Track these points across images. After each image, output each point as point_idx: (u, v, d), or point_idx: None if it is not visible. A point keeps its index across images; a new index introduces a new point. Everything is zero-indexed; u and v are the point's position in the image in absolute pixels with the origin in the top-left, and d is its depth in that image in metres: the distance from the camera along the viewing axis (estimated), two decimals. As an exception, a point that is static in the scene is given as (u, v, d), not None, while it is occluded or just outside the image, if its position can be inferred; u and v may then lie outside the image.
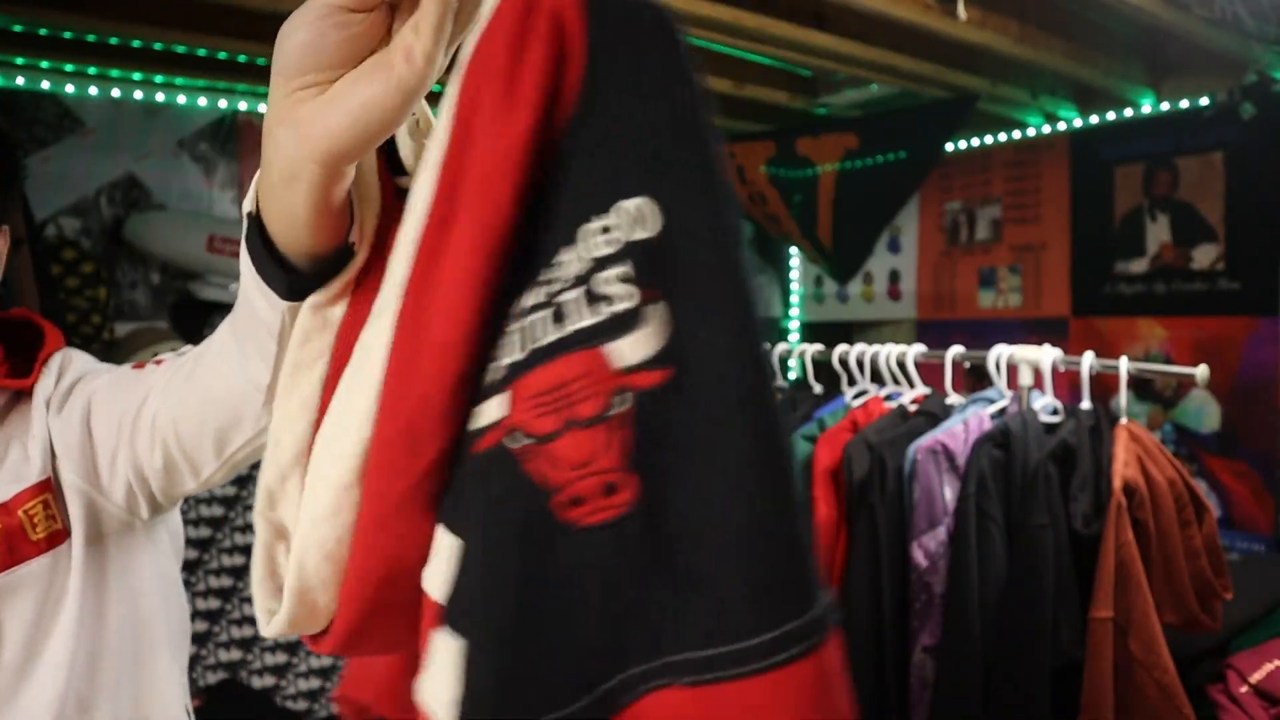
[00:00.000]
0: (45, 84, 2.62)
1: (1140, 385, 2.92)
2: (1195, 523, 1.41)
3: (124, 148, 2.80)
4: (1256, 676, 1.51)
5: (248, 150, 2.99)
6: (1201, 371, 1.43)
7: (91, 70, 2.61)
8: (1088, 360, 1.53)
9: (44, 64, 2.51)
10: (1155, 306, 2.90)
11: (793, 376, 2.44)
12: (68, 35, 2.30)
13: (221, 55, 2.47)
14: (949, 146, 3.28)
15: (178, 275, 2.88)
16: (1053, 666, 1.36)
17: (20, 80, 2.58)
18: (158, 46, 2.36)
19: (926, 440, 1.52)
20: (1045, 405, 1.55)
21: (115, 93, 2.71)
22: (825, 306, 3.87)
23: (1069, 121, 3.05)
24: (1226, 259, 2.74)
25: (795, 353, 2.09)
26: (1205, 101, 2.70)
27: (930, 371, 1.77)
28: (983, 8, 2.21)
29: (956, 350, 1.71)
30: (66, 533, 0.84)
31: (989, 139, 3.27)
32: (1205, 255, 2.79)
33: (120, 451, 0.83)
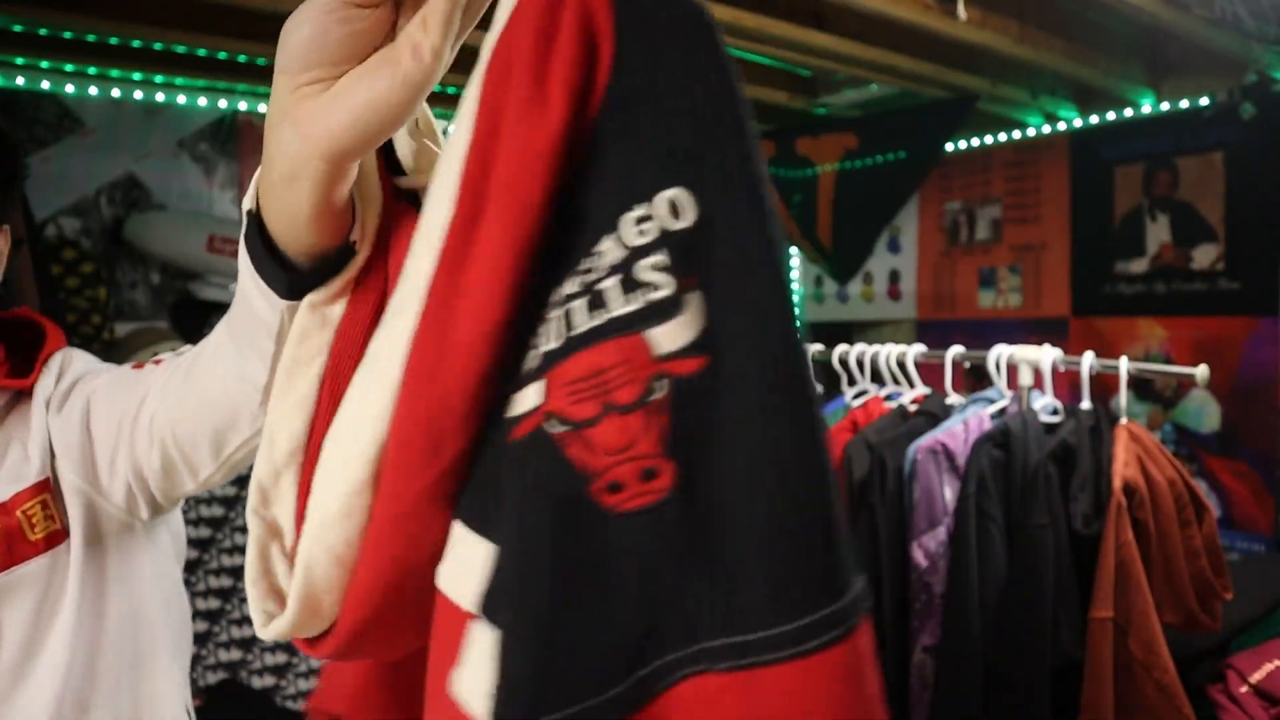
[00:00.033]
0: (45, 84, 2.63)
1: (1140, 385, 2.92)
2: (1195, 523, 1.41)
3: (124, 148, 2.80)
4: (1256, 676, 1.51)
5: (248, 150, 2.99)
6: (1201, 371, 1.43)
7: (91, 70, 2.61)
8: (1088, 360, 1.53)
9: (44, 64, 2.51)
10: (1155, 306, 2.90)
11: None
12: (68, 35, 2.30)
13: (221, 55, 2.47)
14: (949, 146, 3.28)
15: (178, 275, 2.88)
16: (1053, 666, 1.36)
17: (20, 80, 2.58)
18: (158, 46, 2.36)
19: (926, 440, 1.52)
20: (1045, 405, 1.55)
21: (115, 93, 2.71)
22: (825, 306, 3.87)
23: (1069, 121, 3.05)
24: (1226, 259, 2.74)
25: (795, 353, 2.08)
26: (1205, 101, 2.70)
27: (930, 371, 1.77)
28: (983, 8, 2.21)
29: (956, 350, 1.71)
30: (65, 533, 0.84)
31: (989, 139, 3.27)
32: (1205, 255, 2.79)
33: (119, 452, 0.82)
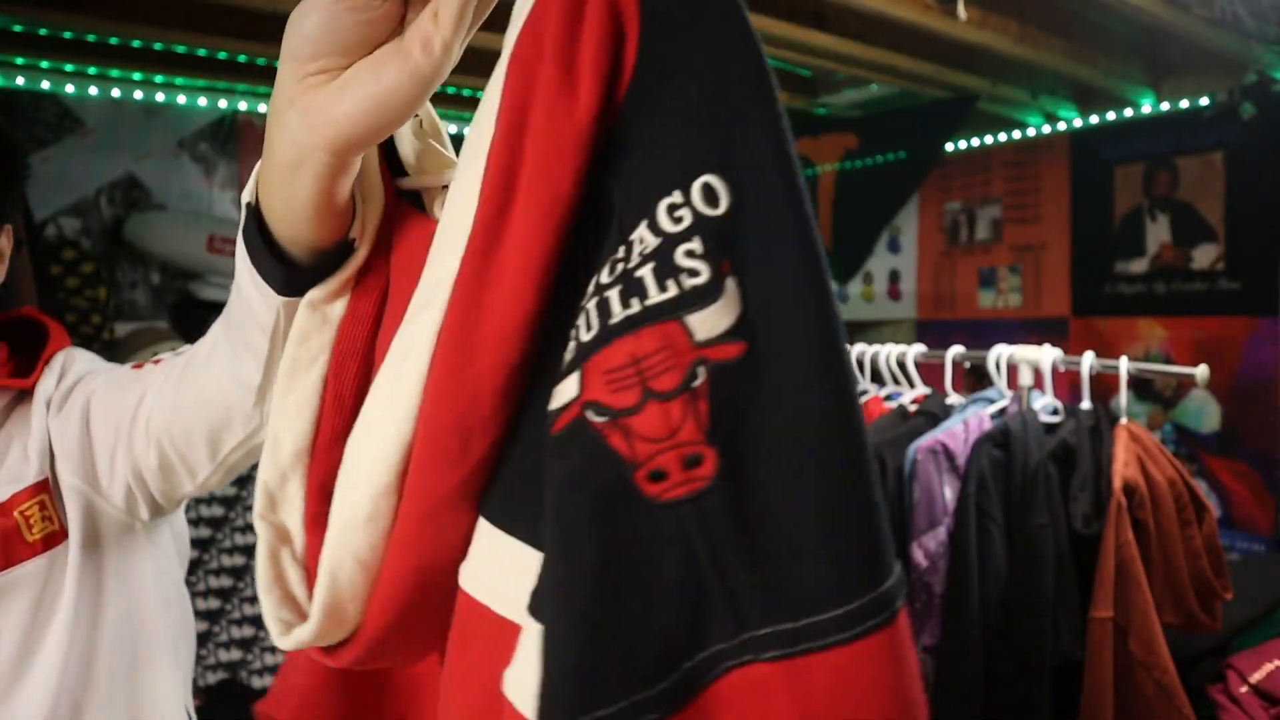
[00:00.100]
0: (45, 84, 2.63)
1: (1140, 385, 2.92)
2: (1195, 523, 1.41)
3: (124, 148, 2.80)
4: (1256, 676, 1.51)
5: (248, 150, 2.99)
6: (1201, 371, 1.43)
7: (91, 70, 2.61)
8: (1088, 360, 1.53)
9: (44, 64, 2.51)
10: (1155, 306, 2.90)
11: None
12: (68, 35, 2.30)
13: (221, 55, 2.47)
14: (949, 146, 3.28)
15: (178, 275, 2.88)
16: (1053, 666, 1.36)
17: (20, 80, 2.58)
18: (158, 46, 2.36)
19: (926, 440, 1.52)
20: (1045, 405, 1.55)
21: (115, 93, 2.71)
22: (825, 306, 3.86)
23: (1069, 121, 3.05)
24: (1226, 259, 2.74)
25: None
26: (1205, 101, 2.70)
27: (930, 371, 1.77)
28: (983, 8, 2.21)
29: (956, 350, 1.71)
30: (64, 534, 0.84)
31: (989, 139, 3.27)
32: (1205, 255, 2.79)
33: (118, 452, 0.82)
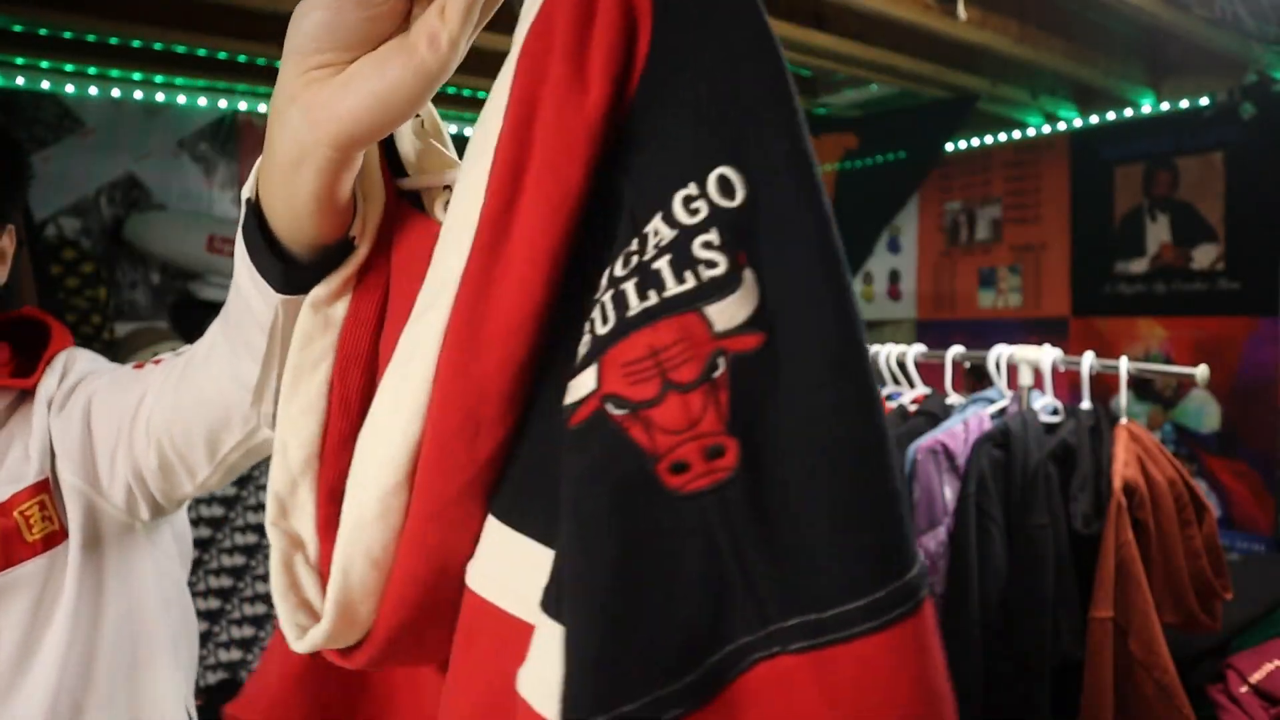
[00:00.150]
0: (45, 84, 2.63)
1: (1140, 385, 2.92)
2: (1195, 523, 1.41)
3: (124, 148, 2.80)
4: (1256, 676, 1.51)
5: (248, 150, 2.99)
6: (1201, 371, 1.43)
7: (91, 70, 2.61)
8: (1088, 360, 1.53)
9: (44, 64, 2.51)
10: (1155, 306, 2.90)
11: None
12: (68, 35, 2.30)
13: (221, 55, 2.47)
14: (949, 146, 3.28)
15: (178, 275, 2.88)
16: (1053, 666, 1.36)
17: (20, 80, 2.58)
18: (158, 46, 2.36)
19: (926, 440, 1.52)
20: (1045, 405, 1.55)
21: (115, 93, 2.71)
22: (825, 306, 3.87)
23: (1069, 121, 3.05)
24: (1226, 259, 2.74)
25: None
26: (1205, 101, 2.70)
27: (930, 371, 1.77)
28: (983, 8, 2.21)
29: (956, 350, 1.71)
30: (64, 534, 0.84)
31: (989, 139, 3.27)
32: (1205, 255, 2.79)
33: (119, 452, 0.82)
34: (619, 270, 0.39)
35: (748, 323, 0.36)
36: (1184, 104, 2.76)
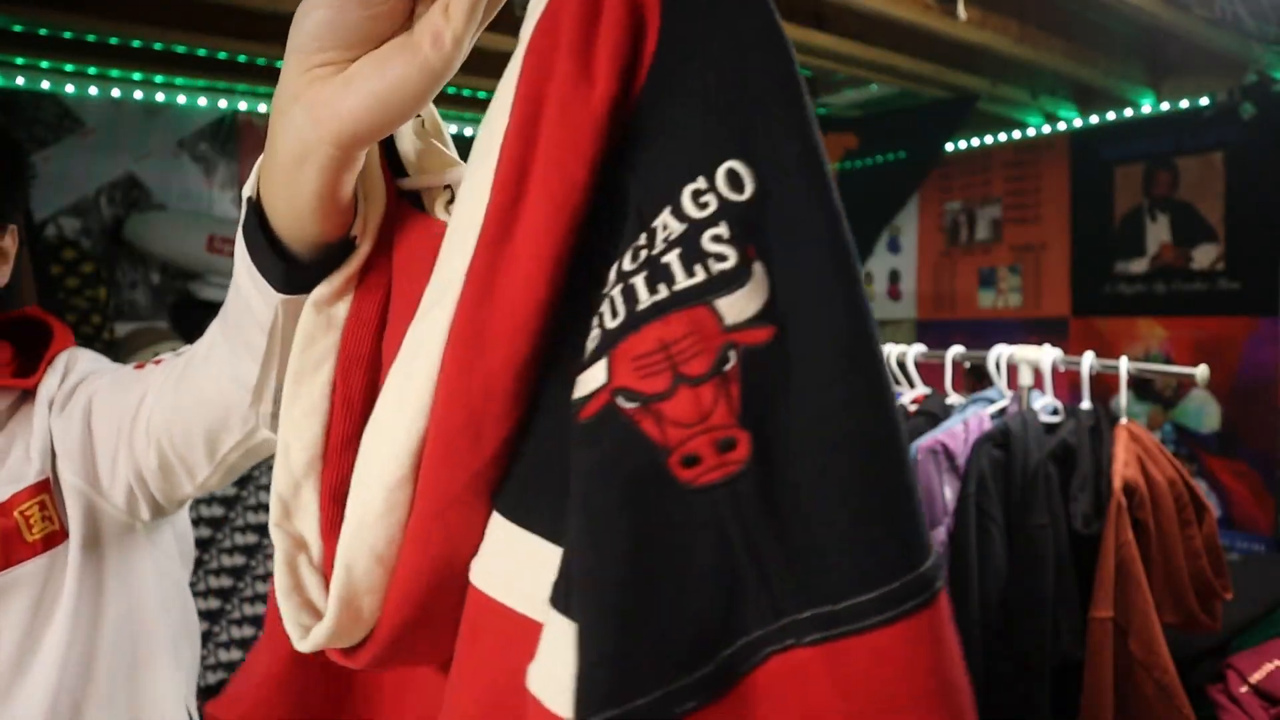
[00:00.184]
0: (45, 84, 2.63)
1: (1140, 385, 2.92)
2: (1195, 523, 1.41)
3: (124, 148, 2.80)
4: (1256, 676, 1.51)
5: (248, 150, 2.99)
6: (1201, 371, 1.43)
7: (91, 70, 2.61)
8: (1088, 360, 1.53)
9: (44, 64, 2.51)
10: (1155, 306, 2.90)
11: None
12: (68, 35, 2.30)
13: (221, 55, 2.47)
14: (949, 146, 3.28)
15: (178, 275, 2.88)
16: (1053, 666, 1.36)
17: (20, 80, 2.58)
18: (158, 46, 2.36)
19: (926, 440, 1.52)
20: (1045, 405, 1.55)
21: (115, 93, 2.71)
22: (825, 306, 3.87)
23: (1069, 121, 3.05)
24: (1226, 259, 2.74)
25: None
26: (1205, 101, 2.70)
27: (930, 371, 1.77)
28: (983, 8, 2.21)
29: (956, 350, 1.71)
30: (64, 534, 0.84)
31: (989, 139, 3.27)
32: (1205, 255, 2.79)
33: (120, 453, 0.82)
34: (628, 264, 0.39)
35: (758, 316, 0.36)
36: (1184, 104, 2.76)
